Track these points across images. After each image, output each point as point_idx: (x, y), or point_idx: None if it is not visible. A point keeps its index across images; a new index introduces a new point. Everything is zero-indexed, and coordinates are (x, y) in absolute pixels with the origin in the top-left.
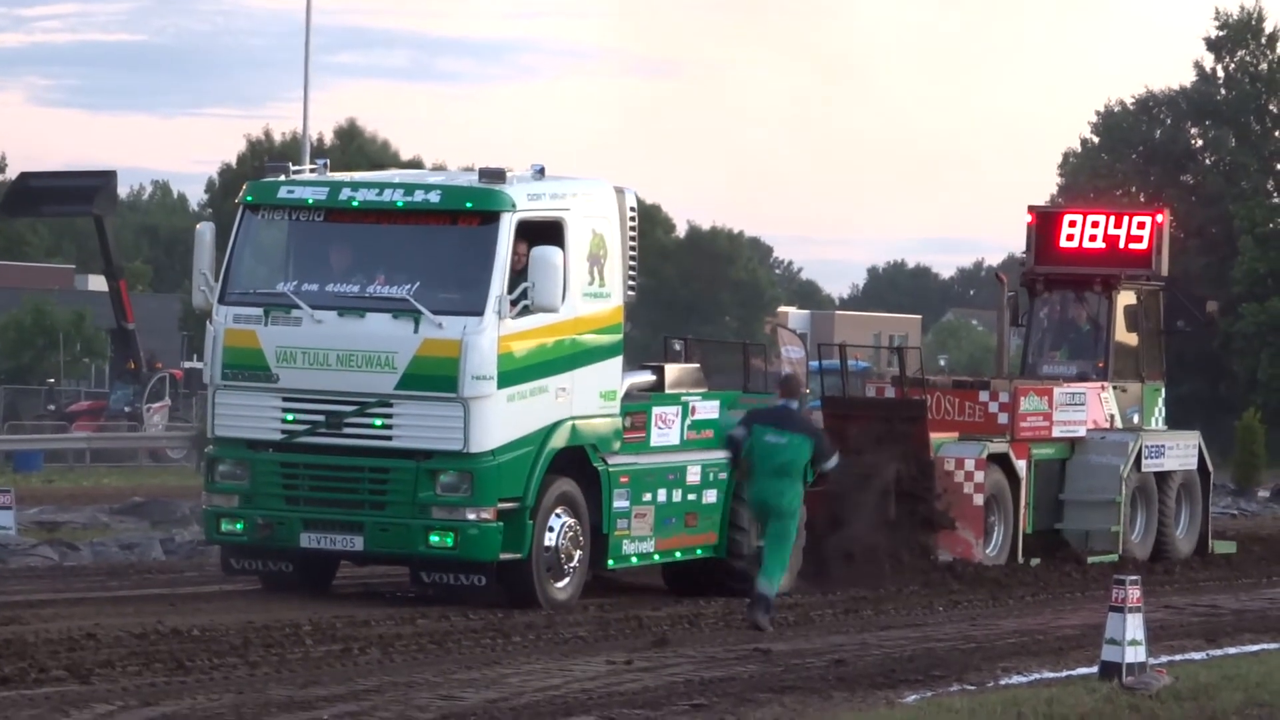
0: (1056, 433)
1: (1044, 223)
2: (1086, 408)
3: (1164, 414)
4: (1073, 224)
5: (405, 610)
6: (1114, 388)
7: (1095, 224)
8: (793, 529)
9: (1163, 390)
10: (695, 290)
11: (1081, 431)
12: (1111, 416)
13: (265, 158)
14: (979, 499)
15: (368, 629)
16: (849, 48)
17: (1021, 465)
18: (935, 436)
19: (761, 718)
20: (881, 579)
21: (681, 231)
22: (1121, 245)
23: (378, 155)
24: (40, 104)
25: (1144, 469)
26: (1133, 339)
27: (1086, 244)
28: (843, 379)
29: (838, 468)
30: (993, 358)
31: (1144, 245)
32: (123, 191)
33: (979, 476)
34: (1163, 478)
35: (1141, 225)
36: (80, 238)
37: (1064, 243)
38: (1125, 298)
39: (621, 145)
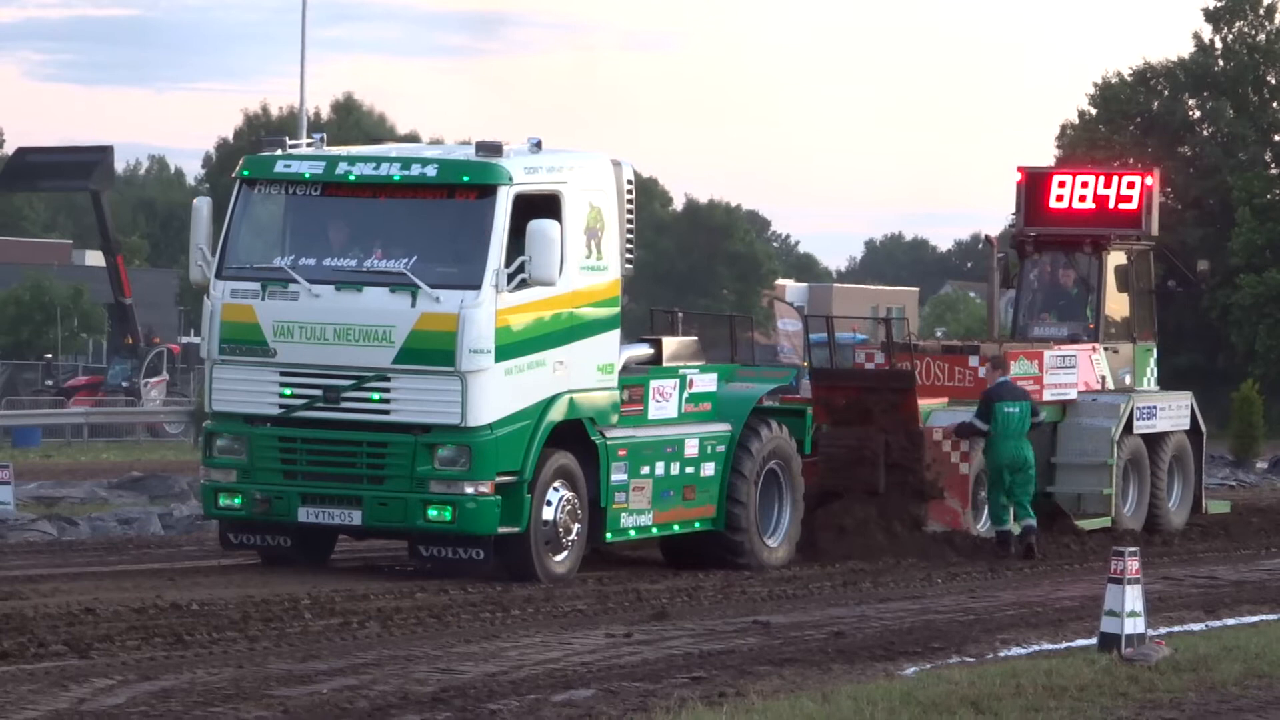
0: (1047, 396)
1: (1033, 183)
2: (1077, 370)
3: (1155, 374)
4: (1062, 184)
5: (404, 584)
6: (1105, 349)
7: (1085, 184)
8: (1034, 475)
9: (1154, 350)
10: (693, 263)
11: (1073, 394)
12: (1103, 378)
13: (262, 132)
14: (965, 468)
15: (366, 603)
16: (846, 19)
17: None
18: (924, 403)
19: (761, 690)
20: (875, 551)
21: (679, 204)
22: (1111, 205)
23: (375, 129)
24: (35, 79)
25: (1135, 430)
26: (1124, 299)
27: (1076, 204)
28: (830, 350)
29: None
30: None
31: (1134, 205)
32: (119, 166)
33: (965, 446)
34: (1155, 445)
35: (1131, 185)
36: (77, 213)
37: (1053, 203)
38: (1115, 258)
39: (618, 118)
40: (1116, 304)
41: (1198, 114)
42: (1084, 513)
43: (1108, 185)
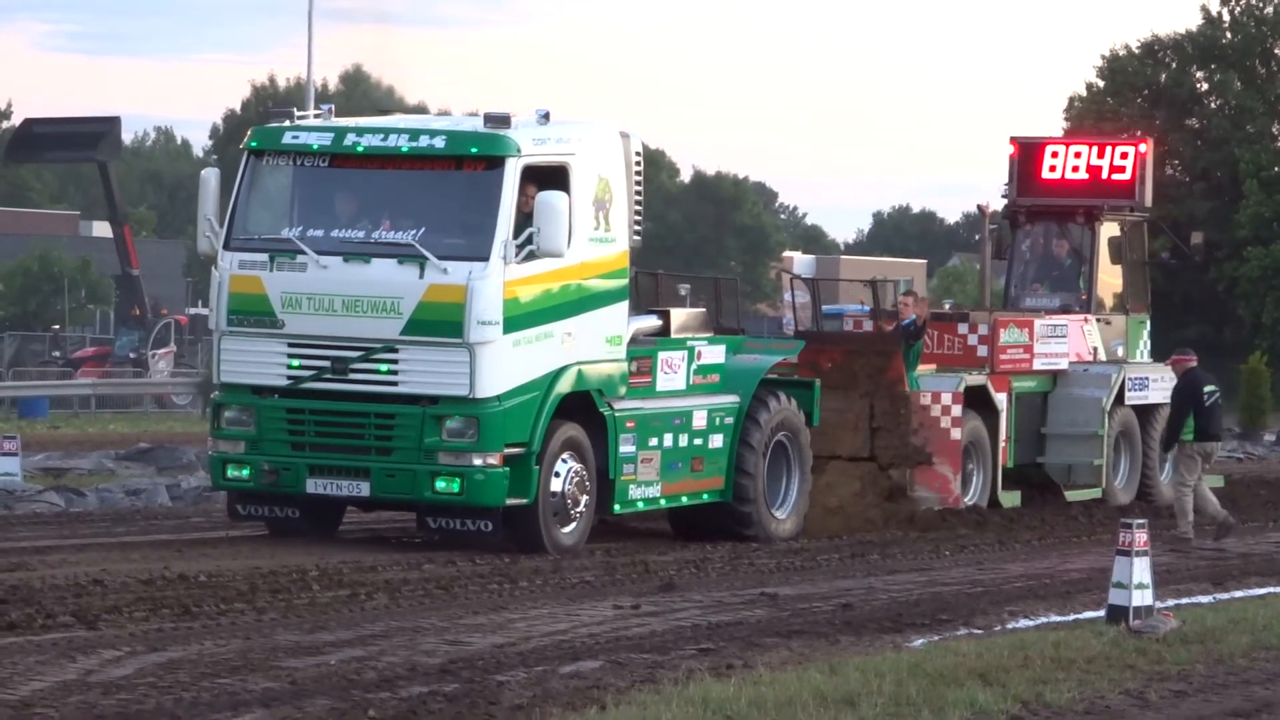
0: (1038, 365)
1: (1026, 154)
2: (1069, 340)
3: (1149, 346)
4: (1055, 155)
5: (412, 555)
6: (1097, 320)
7: (1078, 154)
8: None
9: (1147, 322)
10: (700, 235)
11: (1063, 364)
12: (1095, 349)
13: (269, 103)
14: (956, 433)
15: (374, 574)
16: None
17: (1001, 398)
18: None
19: (769, 662)
20: (871, 521)
21: (686, 176)
22: (1104, 176)
23: (383, 101)
24: (41, 50)
25: (1127, 401)
26: (1116, 271)
27: (1069, 175)
28: (815, 314)
29: None
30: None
31: (1127, 175)
32: (126, 138)
33: (955, 411)
34: (1146, 417)
35: (1124, 155)
36: (85, 184)
37: (1046, 174)
38: (1108, 229)
39: (625, 89)
40: (1109, 275)
41: (1205, 86)
42: (1074, 484)
43: (1101, 155)
